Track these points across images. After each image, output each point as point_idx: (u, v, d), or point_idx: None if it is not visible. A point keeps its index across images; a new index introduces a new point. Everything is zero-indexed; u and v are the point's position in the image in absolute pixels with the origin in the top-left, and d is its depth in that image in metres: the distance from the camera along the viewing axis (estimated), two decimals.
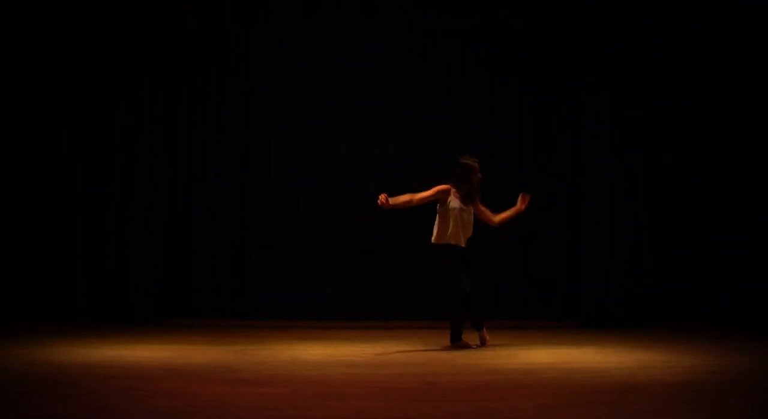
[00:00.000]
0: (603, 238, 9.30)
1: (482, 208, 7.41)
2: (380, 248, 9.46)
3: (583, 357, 6.81)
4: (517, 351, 7.13)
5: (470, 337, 7.31)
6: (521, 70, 9.52)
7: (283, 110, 9.49)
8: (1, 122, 9.23)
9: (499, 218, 7.48)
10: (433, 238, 7.28)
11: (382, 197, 6.93)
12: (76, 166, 9.23)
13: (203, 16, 9.40)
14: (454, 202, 7.21)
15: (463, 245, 7.25)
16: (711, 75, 9.44)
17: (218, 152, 9.43)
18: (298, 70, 9.50)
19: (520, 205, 7.53)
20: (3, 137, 9.21)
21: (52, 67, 9.21)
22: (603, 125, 9.39)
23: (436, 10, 9.51)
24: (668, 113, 9.43)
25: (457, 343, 7.22)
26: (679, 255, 9.37)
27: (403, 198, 7.09)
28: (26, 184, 9.19)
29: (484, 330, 7.36)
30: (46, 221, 9.19)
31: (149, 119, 9.26)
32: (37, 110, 9.23)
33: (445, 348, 7.20)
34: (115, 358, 6.50)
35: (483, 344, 7.30)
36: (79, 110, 9.23)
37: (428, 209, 9.37)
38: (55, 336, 7.73)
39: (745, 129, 9.40)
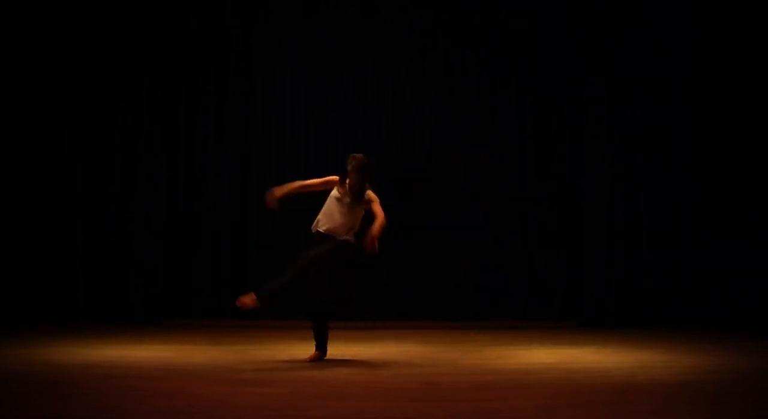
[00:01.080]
0: (603, 238, 9.31)
1: (374, 208, 6.75)
2: (381, 248, 9.43)
3: (583, 357, 6.81)
4: (517, 351, 7.13)
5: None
6: (521, 70, 9.51)
7: (283, 110, 9.49)
8: (1, 122, 9.23)
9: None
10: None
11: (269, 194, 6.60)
12: (76, 166, 9.23)
13: (203, 16, 9.40)
14: (333, 191, 6.81)
15: (336, 236, 6.65)
16: (711, 75, 9.44)
17: (218, 152, 9.43)
18: (298, 70, 9.49)
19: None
20: (3, 137, 9.22)
21: (52, 68, 9.21)
22: (603, 125, 9.39)
23: (436, 10, 9.51)
24: (668, 113, 9.43)
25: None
26: (679, 255, 9.37)
27: (294, 185, 6.75)
28: (26, 184, 9.19)
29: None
30: (46, 221, 9.19)
31: (149, 119, 9.27)
32: (37, 110, 9.23)
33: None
34: (115, 358, 6.50)
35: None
36: (79, 109, 9.23)
37: (434, 211, 9.41)
38: (55, 336, 7.73)
39: (745, 129, 9.41)
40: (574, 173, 9.49)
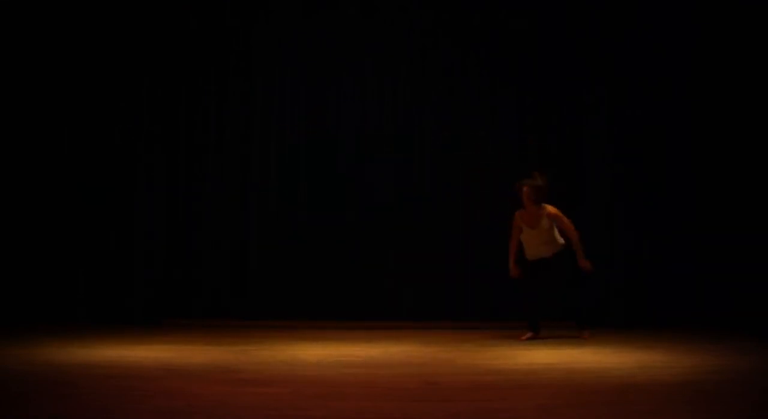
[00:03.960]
0: (603, 238, 9.30)
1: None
2: (381, 248, 9.45)
3: (583, 357, 6.81)
4: (517, 351, 7.13)
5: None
6: (521, 70, 9.51)
7: (283, 110, 9.49)
8: (1, 123, 9.23)
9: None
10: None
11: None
12: (76, 166, 9.23)
13: (203, 16, 9.41)
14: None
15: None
16: (711, 75, 9.43)
17: (218, 152, 9.43)
18: (298, 70, 9.49)
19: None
20: (3, 137, 9.22)
21: (52, 68, 9.21)
22: (603, 124, 9.39)
23: (436, 10, 9.51)
24: (668, 112, 9.42)
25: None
26: (680, 255, 9.36)
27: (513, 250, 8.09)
28: (26, 184, 9.19)
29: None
30: (46, 221, 9.19)
31: (149, 119, 9.27)
32: (37, 110, 9.23)
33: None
34: (115, 358, 6.50)
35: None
36: (79, 109, 9.24)
37: (434, 211, 9.40)
38: (55, 336, 7.73)
39: (745, 129, 9.40)
40: (574, 174, 9.48)
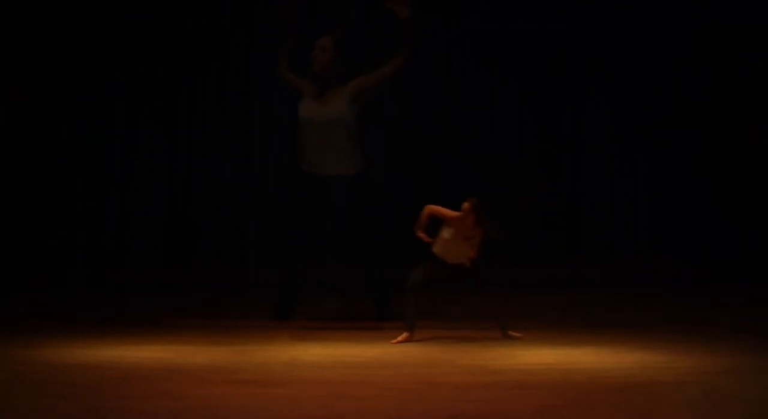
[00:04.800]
0: (603, 239, 9.32)
1: None
2: (379, 248, 9.45)
3: (583, 357, 6.80)
4: (516, 351, 7.12)
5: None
6: (521, 70, 9.52)
7: (283, 110, 9.49)
8: (0, 123, 9.25)
9: None
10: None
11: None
12: (75, 167, 9.24)
13: (203, 16, 9.42)
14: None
15: None
16: (711, 75, 9.44)
17: (218, 152, 9.45)
18: (298, 70, 9.48)
19: None
20: (2, 138, 9.23)
21: (51, 68, 9.22)
22: (603, 124, 9.41)
23: (436, 10, 9.52)
24: (668, 113, 9.44)
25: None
26: (680, 256, 9.38)
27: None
28: (25, 185, 9.21)
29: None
30: (45, 222, 9.21)
31: (149, 119, 9.28)
32: (37, 111, 9.24)
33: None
34: (115, 358, 6.49)
35: None
36: (78, 110, 9.24)
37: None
38: (55, 336, 7.72)
39: (745, 130, 9.41)
40: (574, 174, 9.50)
